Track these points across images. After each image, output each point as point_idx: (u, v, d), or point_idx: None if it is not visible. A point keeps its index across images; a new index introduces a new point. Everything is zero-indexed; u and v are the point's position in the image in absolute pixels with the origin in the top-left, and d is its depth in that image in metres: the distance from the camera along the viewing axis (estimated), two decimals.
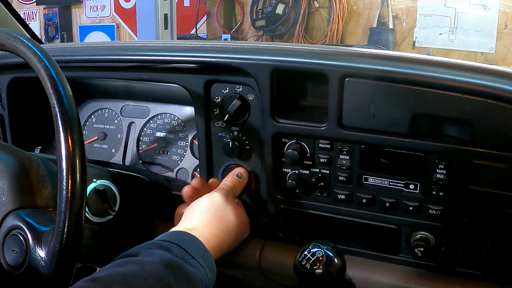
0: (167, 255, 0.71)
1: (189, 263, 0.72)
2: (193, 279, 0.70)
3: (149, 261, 0.68)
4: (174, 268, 0.69)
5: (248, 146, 0.97)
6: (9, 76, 1.16)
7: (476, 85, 0.76)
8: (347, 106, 0.84)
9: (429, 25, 3.90)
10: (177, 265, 0.70)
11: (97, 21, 5.46)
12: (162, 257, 0.70)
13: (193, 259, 0.73)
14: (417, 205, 0.85)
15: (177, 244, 0.74)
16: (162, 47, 1.00)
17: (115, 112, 1.25)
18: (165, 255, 0.71)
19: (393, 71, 0.80)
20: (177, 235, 0.79)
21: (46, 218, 0.80)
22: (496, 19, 3.68)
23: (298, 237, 0.96)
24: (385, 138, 0.83)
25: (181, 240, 0.76)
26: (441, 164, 0.82)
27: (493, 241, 0.81)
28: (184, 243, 0.75)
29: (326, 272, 0.81)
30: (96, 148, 1.26)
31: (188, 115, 1.16)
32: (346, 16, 4.26)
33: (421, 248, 0.85)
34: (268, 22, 4.48)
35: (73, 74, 1.07)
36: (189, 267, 0.71)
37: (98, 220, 0.93)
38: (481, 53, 3.79)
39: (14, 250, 0.77)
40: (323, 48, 0.90)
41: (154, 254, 0.70)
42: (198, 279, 0.71)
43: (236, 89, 0.95)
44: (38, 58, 0.74)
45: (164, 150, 1.18)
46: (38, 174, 0.83)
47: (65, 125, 0.71)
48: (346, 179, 0.89)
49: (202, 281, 0.72)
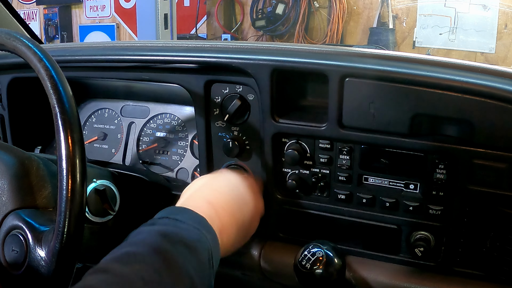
0: (155, 228, 0.67)
1: (181, 227, 0.68)
2: (191, 242, 0.66)
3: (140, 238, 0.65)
4: (167, 236, 0.65)
5: (248, 146, 0.97)
6: (9, 76, 1.16)
7: (476, 85, 0.76)
8: (347, 106, 0.84)
9: (429, 25, 3.90)
10: (169, 232, 0.66)
11: (97, 21, 5.46)
12: (150, 230, 0.66)
13: (184, 223, 0.69)
14: (417, 205, 0.86)
15: (164, 217, 0.70)
16: (162, 47, 1.00)
17: (115, 112, 1.25)
18: (152, 228, 0.67)
19: (393, 71, 0.80)
20: (162, 212, 0.74)
21: (46, 218, 0.80)
22: (496, 19, 3.68)
23: (298, 237, 0.96)
24: (385, 138, 0.83)
25: (168, 212, 0.73)
26: (441, 164, 0.82)
27: (493, 241, 0.81)
28: (171, 214, 0.71)
29: (326, 272, 0.82)
30: (96, 148, 1.26)
31: (188, 115, 1.16)
32: (346, 16, 4.25)
33: (421, 248, 0.85)
34: (268, 22, 4.48)
35: (73, 74, 1.07)
36: (183, 231, 0.67)
37: (98, 220, 0.93)
38: (481, 53, 3.79)
39: (14, 250, 0.77)
40: (323, 48, 0.90)
41: (142, 232, 0.67)
42: (197, 241, 0.67)
43: (236, 89, 0.95)
44: (38, 58, 0.74)
45: (164, 150, 1.18)
46: (38, 174, 0.83)
47: (65, 125, 0.71)
48: (346, 179, 0.89)
49: (203, 243, 0.68)
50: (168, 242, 0.63)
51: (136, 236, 0.67)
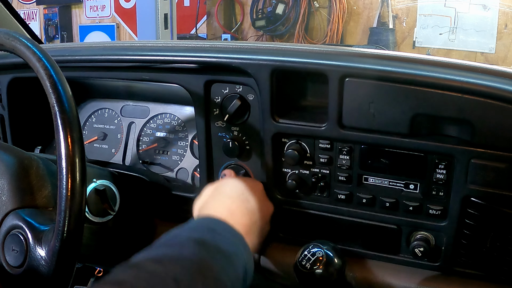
0: (192, 234, 0.65)
1: (218, 238, 0.67)
2: (228, 253, 0.64)
3: (176, 241, 0.63)
4: (205, 243, 0.63)
5: (248, 146, 0.97)
6: (9, 76, 1.16)
7: (476, 85, 0.76)
8: (347, 106, 0.84)
9: (429, 25, 3.90)
10: (206, 239, 0.64)
11: (97, 21, 5.46)
12: (189, 236, 0.64)
13: (220, 235, 0.68)
14: (417, 205, 0.85)
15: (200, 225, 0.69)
16: (162, 47, 1.00)
17: (115, 112, 1.25)
18: (190, 234, 0.65)
19: (393, 71, 0.80)
20: (195, 221, 0.73)
21: (46, 217, 0.80)
22: (496, 19, 3.68)
23: (298, 237, 0.96)
24: (385, 138, 0.83)
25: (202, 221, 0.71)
26: (441, 164, 0.82)
27: (493, 241, 0.81)
28: (206, 223, 0.70)
29: (326, 272, 0.82)
30: (96, 148, 1.26)
31: (188, 115, 1.16)
32: (346, 16, 4.25)
33: (421, 248, 0.85)
34: (268, 22, 4.48)
35: (73, 74, 1.07)
36: (221, 242, 0.66)
37: (98, 220, 0.93)
38: (481, 53, 3.79)
39: (14, 249, 0.77)
40: (323, 48, 0.90)
41: (179, 236, 0.66)
42: (233, 254, 0.66)
43: (236, 89, 0.95)
44: (37, 58, 0.74)
45: (164, 150, 1.18)
46: (38, 174, 0.83)
47: (64, 124, 0.71)
48: (346, 179, 0.89)
49: (239, 257, 0.66)
50: (205, 249, 0.62)
51: (172, 239, 0.66)
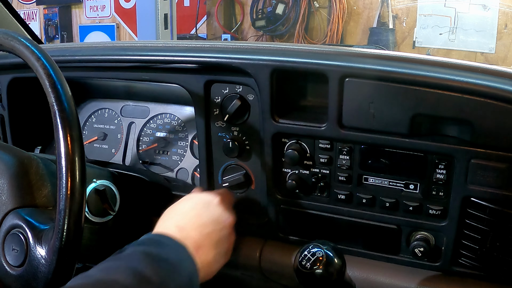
0: (139, 248, 0.69)
1: (164, 249, 0.70)
2: (172, 262, 0.68)
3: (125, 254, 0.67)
4: (151, 255, 0.67)
5: (248, 146, 0.97)
6: (9, 76, 1.16)
7: (476, 85, 0.76)
8: (347, 106, 0.84)
9: (429, 25, 3.89)
10: (153, 252, 0.68)
11: (97, 21, 5.46)
12: (137, 248, 0.68)
13: (166, 247, 0.71)
14: (417, 205, 0.85)
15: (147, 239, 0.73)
16: (162, 47, 1.00)
17: (115, 112, 1.25)
18: (137, 248, 0.69)
19: (393, 71, 0.80)
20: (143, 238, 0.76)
21: (46, 216, 0.80)
22: (496, 19, 3.68)
23: (298, 237, 0.96)
24: (385, 138, 0.83)
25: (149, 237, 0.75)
26: (441, 164, 0.82)
27: (493, 241, 0.81)
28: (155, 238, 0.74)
29: (326, 272, 0.81)
30: (96, 148, 1.26)
31: (188, 115, 1.16)
32: (346, 16, 4.25)
33: (421, 248, 0.85)
34: (268, 22, 4.48)
35: (73, 74, 1.07)
36: (166, 252, 0.70)
37: (98, 220, 0.93)
38: (481, 53, 3.79)
39: (14, 249, 0.77)
40: (323, 48, 0.90)
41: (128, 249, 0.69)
42: (177, 262, 0.69)
43: (236, 89, 0.95)
44: (36, 57, 0.74)
45: (164, 150, 1.18)
46: (38, 173, 0.83)
47: (63, 123, 0.71)
48: (346, 179, 0.89)
49: (183, 266, 0.70)
50: (151, 259, 0.66)
51: (120, 252, 0.69)
